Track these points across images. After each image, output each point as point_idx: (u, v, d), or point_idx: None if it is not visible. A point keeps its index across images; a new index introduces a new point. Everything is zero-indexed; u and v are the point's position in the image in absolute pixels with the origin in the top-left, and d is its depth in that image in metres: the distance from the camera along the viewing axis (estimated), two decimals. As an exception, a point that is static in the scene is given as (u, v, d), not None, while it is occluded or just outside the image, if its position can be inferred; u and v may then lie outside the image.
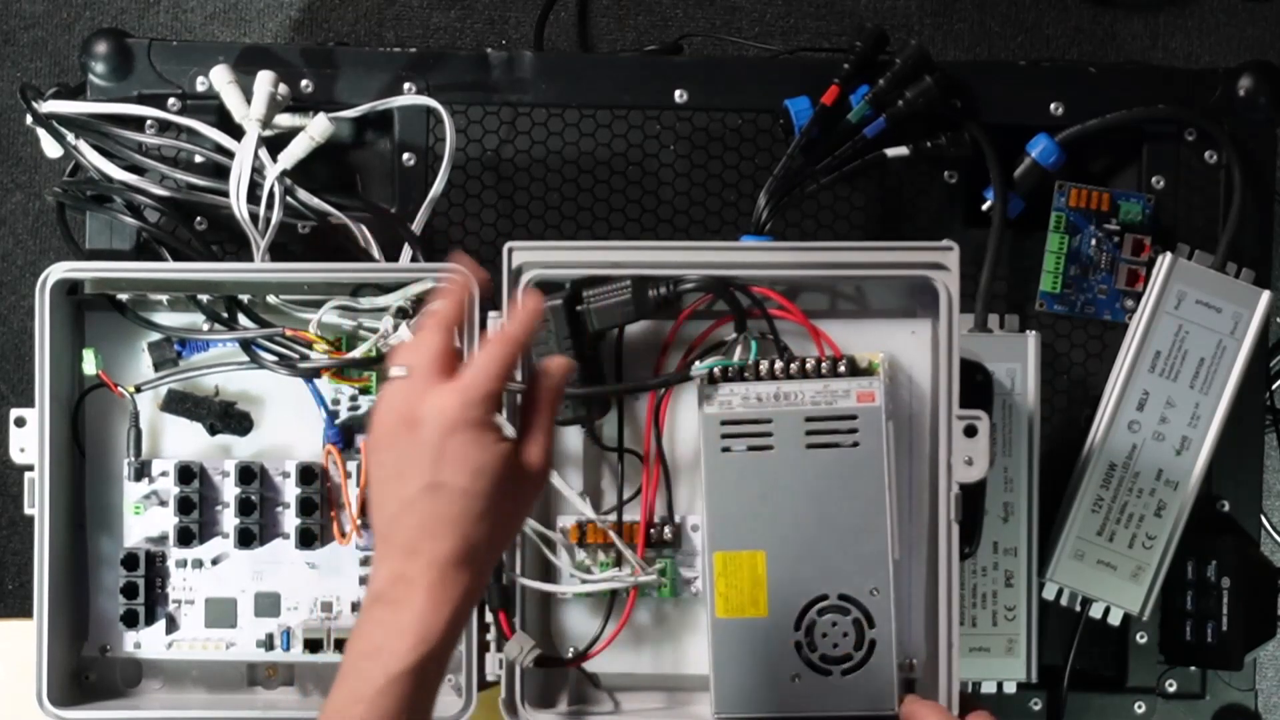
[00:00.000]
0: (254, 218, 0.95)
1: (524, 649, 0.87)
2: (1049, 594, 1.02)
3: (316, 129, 0.96)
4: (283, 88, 0.98)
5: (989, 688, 1.00)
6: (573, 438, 0.92)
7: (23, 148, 1.31)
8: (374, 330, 0.91)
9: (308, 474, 0.93)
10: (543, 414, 0.75)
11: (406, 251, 0.99)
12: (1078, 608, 1.02)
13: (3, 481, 1.32)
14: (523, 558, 0.89)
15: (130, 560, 0.93)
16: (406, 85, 1.02)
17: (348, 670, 0.71)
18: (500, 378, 0.73)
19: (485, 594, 0.89)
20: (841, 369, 0.85)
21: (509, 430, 0.76)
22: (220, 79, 0.98)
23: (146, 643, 0.95)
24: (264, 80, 0.97)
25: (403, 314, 0.91)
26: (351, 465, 0.93)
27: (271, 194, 0.95)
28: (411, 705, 0.69)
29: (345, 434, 0.94)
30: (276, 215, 0.95)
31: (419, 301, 0.91)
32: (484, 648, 0.90)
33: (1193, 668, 1.04)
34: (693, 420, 0.87)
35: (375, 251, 0.98)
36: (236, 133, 0.97)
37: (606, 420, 0.91)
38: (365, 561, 0.94)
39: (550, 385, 0.76)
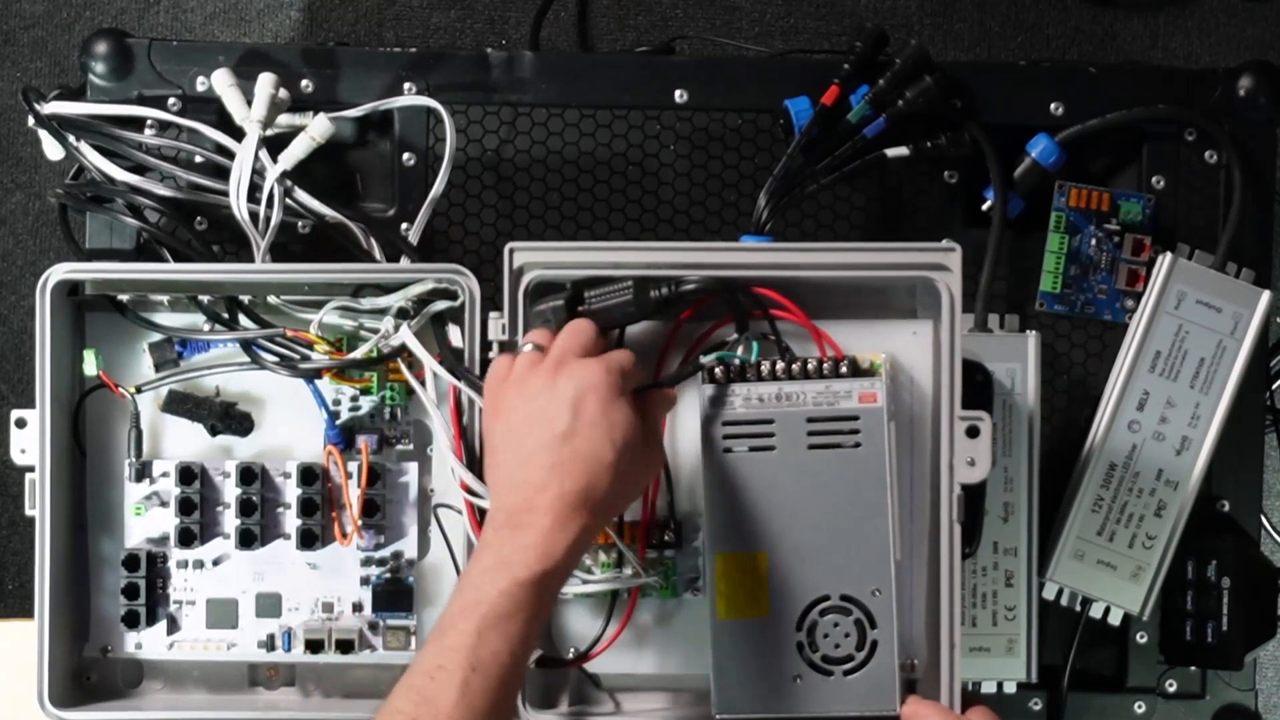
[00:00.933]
0: (254, 218, 0.95)
1: (526, 650, 0.87)
2: (1049, 594, 1.02)
3: (317, 129, 0.96)
4: (283, 91, 0.98)
5: (989, 688, 1.00)
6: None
7: (23, 148, 1.32)
8: (375, 331, 0.91)
9: (309, 475, 0.93)
10: (661, 413, 0.86)
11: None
12: (1078, 608, 1.02)
13: (3, 482, 1.32)
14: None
15: (131, 561, 0.93)
16: (406, 85, 1.02)
17: (466, 584, 0.77)
18: (638, 366, 0.83)
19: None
20: (843, 370, 0.85)
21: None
22: (221, 82, 0.98)
23: (147, 643, 0.95)
24: (265, 82, 0.97)
25: (403, 314, 0.91)
26: (352, 466, 0.93)
27: (272, 195, 0.95)
28: (530, 613, 0.76)
29: (346, 434, 0.94)
30: (276, 216, 0.95)
31: (420, 302, 0.91)
32: (485, 648, 0.90)
33: (1193, 668, 1.05)
34: (694, 421, 0.87)
35: (376, 252, 0.98)
36: (237, 133, 0.97)
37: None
38: (366, 562, 0.94)
39: (668, 400, 0.87)
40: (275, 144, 0.97)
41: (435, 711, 0.73)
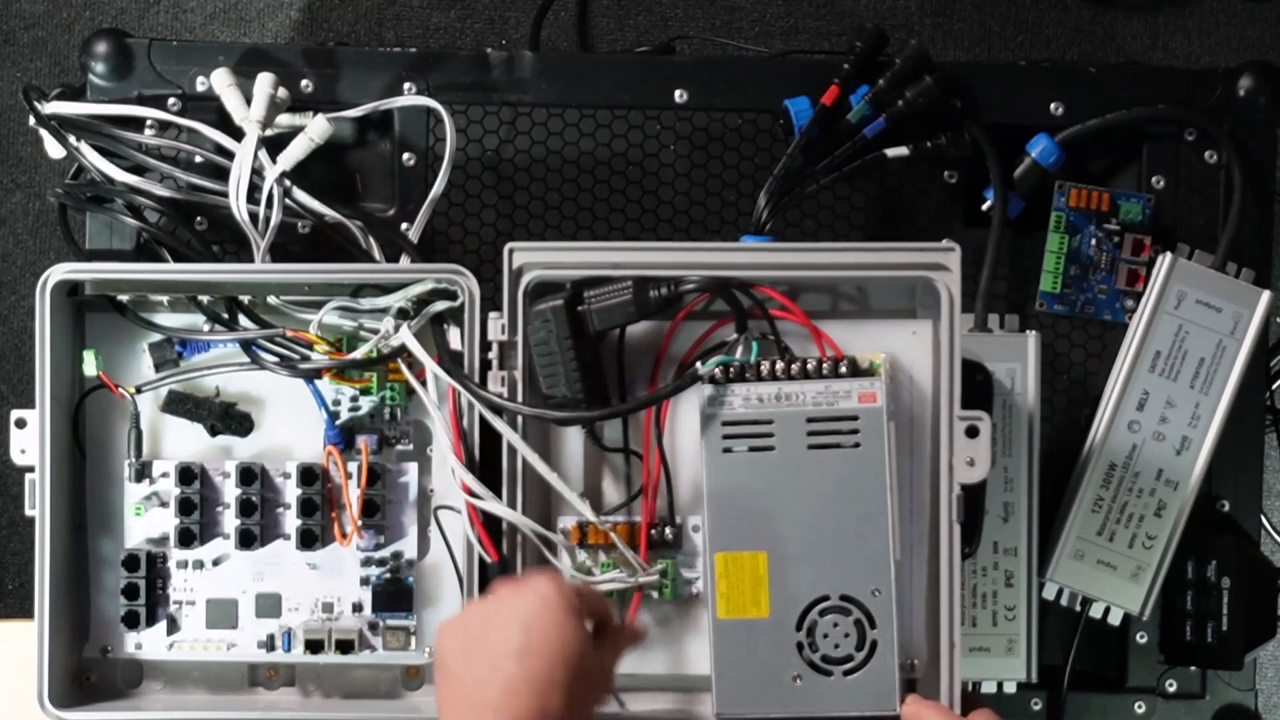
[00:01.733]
0: (254, 218, 0.95)
1: (526, 650, 0.87)
2: (1049, 594, 1.02)
3: (315, 130, 0.96)
4: (282, 91, 0.98)
5: (989, 688, 1.00)
6: (573, 438, 0.92)
7: (23, 148, 1.32)
8: (375, 331, 0.91)
9: (308, 475, 0.93)
10: (616, 647, 0.85)
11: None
12: (1078, 608, 1.02)
13: (3, 482, 1.32)
14: (524, 559, 0.89)
15: (131, 561, 0.93)
16: (406, 85, 1.02)
17: None
18: (594, 596, 0.83)
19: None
20: (843, 369, 0.85)
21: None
22: (220, 82, 0.98)
23: (147, 644, 0.95)
24: (264, 82, 0.97)
25: (403, 315, 0.91)
26: (352, 466, 0.93)
27: (271, 195, 0.95)
28: None
29: (346, 435, 0.94)
30: (276, 216, 0.95)
31: (420, 302, 0.91)
32: (485, 648, 0.90)
33: (1193, 668, 1.05)
34: (694, 421, 0.87)
35: (376, 252, 0.98)
36: (237, 133, 0.97)
37: (607, 421, 0.91)
38: (366, 562, 0.94)
39: (630, 636, 0.87)
40: (275, 144, 0.97)
41: None
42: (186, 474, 0.93)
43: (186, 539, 0.93)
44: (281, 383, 0.94)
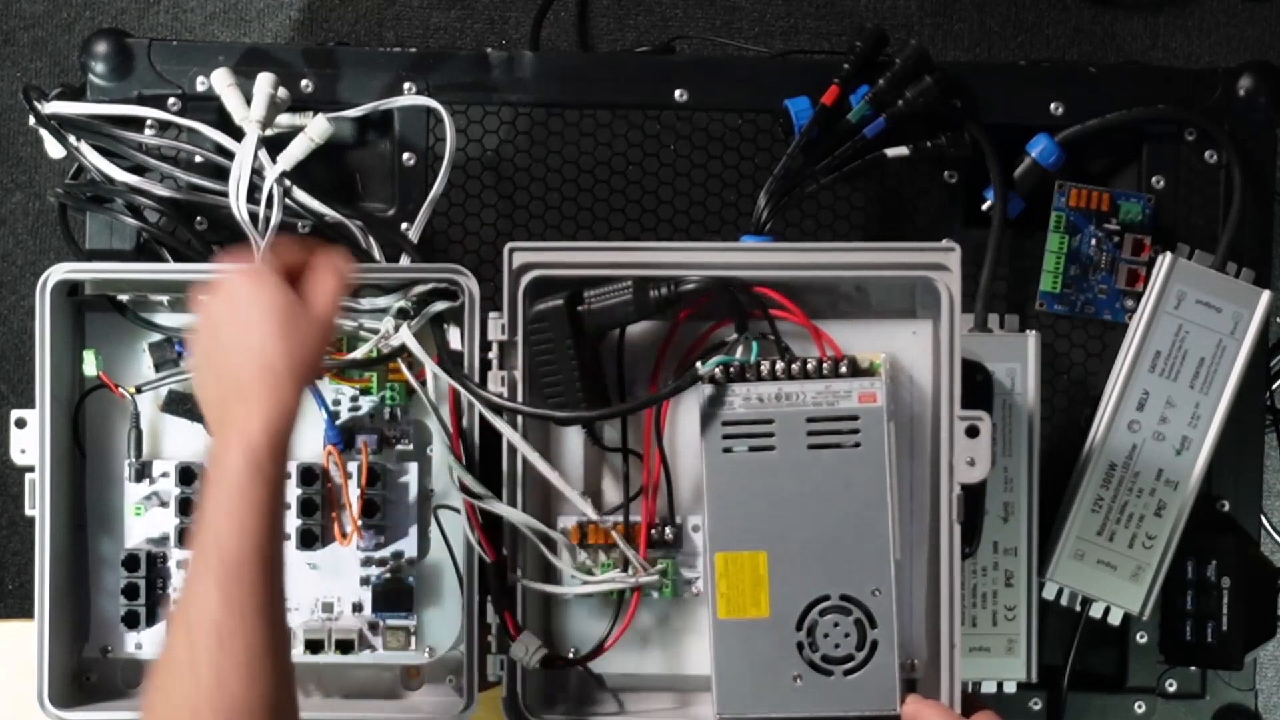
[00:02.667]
0: (253, 218, 0.95)
1: (529, 649, 0.87)
2: (1049, 594, 1.02)
3: (315, 130, 0.96)
4: (282, 90, 0.98)
5: (989, 688, 1.00)
6: (573, 438, 0.92)
7: (23, 148, 1.32)
8: (375, 331, 0.91)
9: (308, 475, 0.93)
10: (326, 279, 0.84)
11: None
12: (1078, 608, 1.02)
13: (3, 482, 1.32)
14: (524, 559, 0.89)
15: (131, 561, 0.93)
16: (406, 85, 1.02)
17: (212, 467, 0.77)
18: (284, 254, 0.84)
19: (488, 595, 0.89)
20: (843, 369, 0.85)
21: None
22: (220, 82, 0.98)
23: (148, 644, 0.95)
24: (264, 82, 0.97)
25: (403, 314, 0.91)
26: (352, 466, 0.93)
27: (271, 195, 0.95)
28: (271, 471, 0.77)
29: (346, 435, 0.93)
30: (276, 216, 0.95)
31: (420, 302, 0.91)
32: (485, 649, 0.90)
33: (1193, 668, 1.05)
34: (694, 421, 0.87)
35: (376, 252, 0.98)
36: (236, 133, 0.97)
37: (607, 421, 0.90)
38: (366, 562, 0.94)
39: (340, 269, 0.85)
40: (275, 144, 0.97)
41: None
42: (186, 474, 0.93)
43: (187, 539, 0.93)
44: (281, 383, 0.94)
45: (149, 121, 1.01)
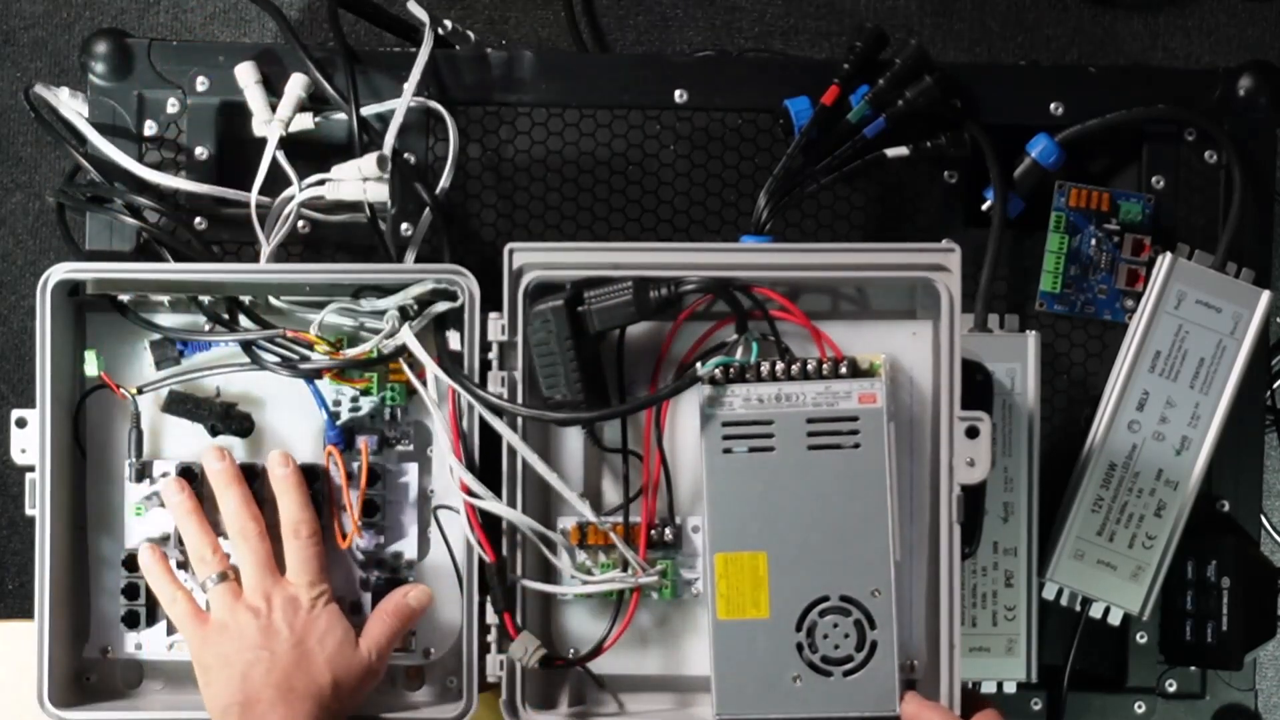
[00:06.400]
0: (259, 219, 0.96)
1: (529, 650, 0.87)
2: (1049, 594, 1.02)
3: (297, 86, 0.99)
4: (303, 91, 0.99)
5: (989, 688, 1.00)
6: (573, 439, 0.92)
7: (23, 148, 1.32)
8: (375, 331, 0.91)
9: (309, 475, 0.93)
10: (389, 621, 0.90)
11: (409, 253, 0.99)
12: (1078, 608, 1.03)
13: (3, 482, 1.32)
14: (524, 559, 0.89)
15: (131, 561, 0.93)
16: (406, 85, 1.02)
17: None
18: (321, 572, 0.90)
19: (488, 596, 0.89)
20: (843, 370, 0.85)
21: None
22: (246, 77, 0.99)
23: (147, 644, 0.95)
24: (296, 84, 0.98)
25: (404, 314, 0.91)
26: (352, 466, 0.93)
27: (291, 198, 0.96)
28: None
29: (346, 435, 0.93)
30: (290, 222, 0.96)
31: (421, 303, 0.91)
32: (484, 649, 0.90)
33: (1193, 668, 1.05)
34: (694, 421, 0.87)
35: (392, 251, 0.98)
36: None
37: (607, 422, 0.91)
38: (366, 562, 0.94)
39: (411, 606, 0.91)
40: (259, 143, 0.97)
41: None
42: (187, 474, 0.93)
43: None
44: (282, 383, 0.94)
45: (149, 121, 1.01)
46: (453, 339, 0.91)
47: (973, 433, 0.86)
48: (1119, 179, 1.06)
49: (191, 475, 0.93)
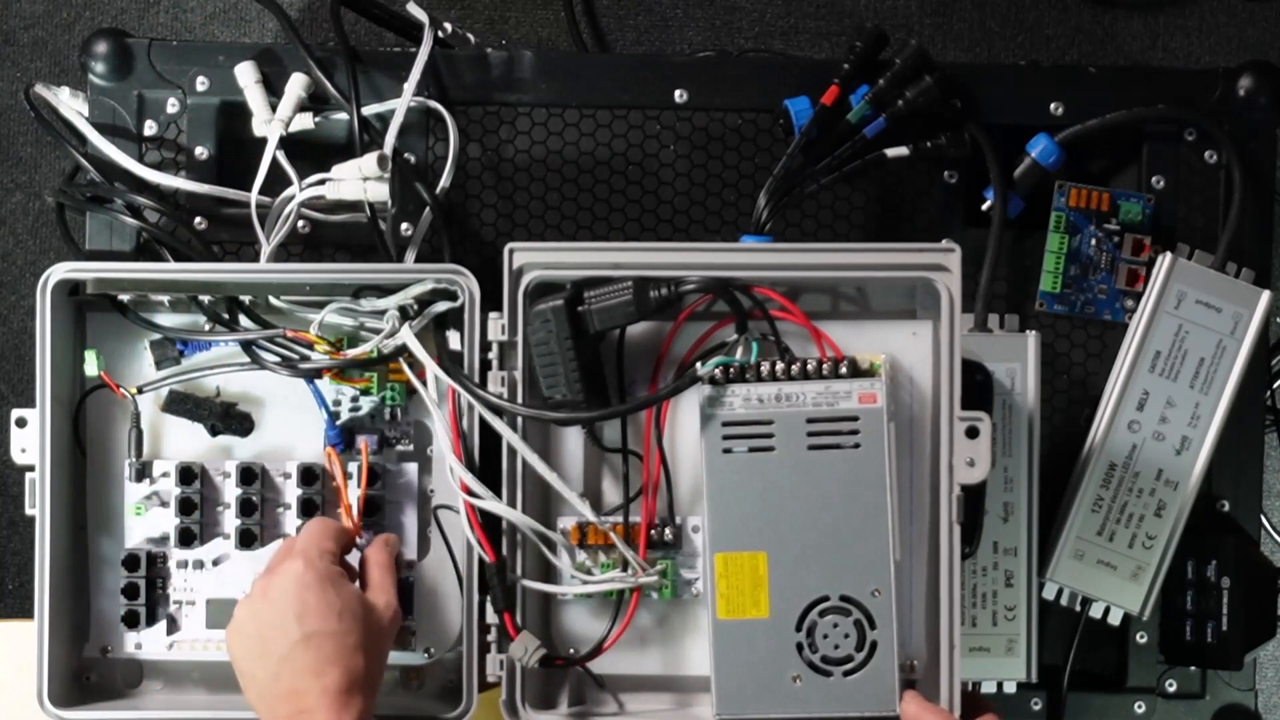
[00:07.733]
0: (259, 219, 0.96)
1: (529, 649, 0.87)
2: (1049, 594, 1.02)
3: (297, 86, 0.98)
4: (304, 90, 0.99)
5: (989, 688, 1.00)
6: (573, 439, 0.92)
7: (23, 148, 1.32)
8: (375, 331, 0.91)
9: (309, 475, 0.93)
10: (382, 569, 0.87)
11: (409, 253, 0.99)
12: (1078, 608, 1.02)
13: (3, 481, 1.32)
14: (524, 559, 0.89)
15: (131, 561, 0.93)
16: (407, 85, 1.02)
17: None
18: (331, 538, 0.86)
19: (488, 595, 0.89)
20: (843, 370, 0.85)
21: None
22: (246, 77, 0.99)
23: (147, 643, 0.95)
24: (296, 83, 0.98)
25: (404, 315, 0.91)
26: (352, 466, 0.93)
27: (291, 199, 0.96)
28: None
29: (346, 435, 0.94)
30: (291, 221, 0.96)
31: (421, 303, 0.91)
32: (484, 649, 0.90)
33: (1193, 668, 1.05)
34: (694, 421, 0.87)
35: (391, 251, 0.98)
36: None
37: (607, 421, 0.91)
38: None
39: (388, 549, 0.89)
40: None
41: None
42: (187, 474, 0.93)
43: (187, 539, 0.93)
44: (282, 383, 0.94)
45: (148, 121, 1.01)
46: (453, 339, 0.91)
47: (973, 433, 0.86)
48: (1119, 179, 1.06)
49: (191, 475, 0.93)
